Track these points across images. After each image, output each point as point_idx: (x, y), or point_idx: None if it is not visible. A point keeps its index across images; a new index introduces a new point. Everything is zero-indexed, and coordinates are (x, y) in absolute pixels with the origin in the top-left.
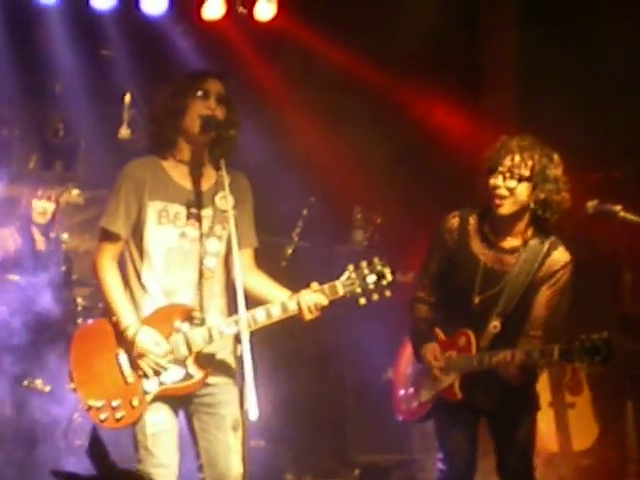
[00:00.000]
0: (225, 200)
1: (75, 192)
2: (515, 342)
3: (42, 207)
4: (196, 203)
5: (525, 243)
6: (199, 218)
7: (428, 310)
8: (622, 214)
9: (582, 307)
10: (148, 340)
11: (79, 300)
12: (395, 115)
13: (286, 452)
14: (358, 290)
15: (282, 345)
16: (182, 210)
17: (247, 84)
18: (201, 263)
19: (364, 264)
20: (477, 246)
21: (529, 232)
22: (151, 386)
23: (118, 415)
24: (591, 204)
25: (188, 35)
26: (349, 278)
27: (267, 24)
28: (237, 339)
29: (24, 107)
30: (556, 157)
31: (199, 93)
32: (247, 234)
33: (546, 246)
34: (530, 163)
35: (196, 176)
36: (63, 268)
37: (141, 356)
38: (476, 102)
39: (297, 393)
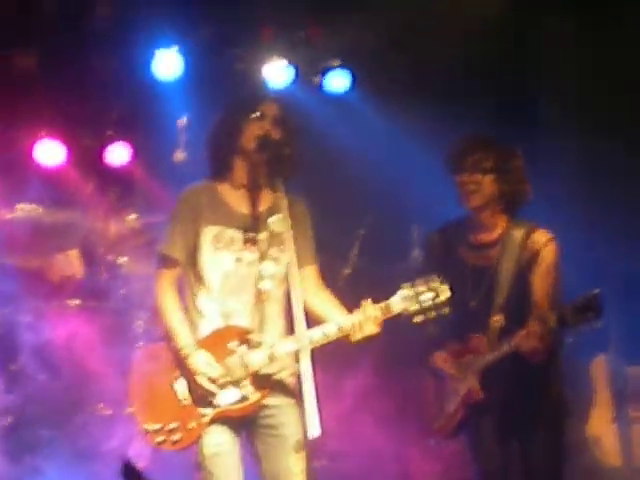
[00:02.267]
0: (282, 222)
1: (133, 217)
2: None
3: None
4: (251, 227)
5: (503, 234)
6: (255, 242)
7: (433, 327)
8: None
9: None
10: (202, 361)
11: (139, 323)
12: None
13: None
14: (413, 308)
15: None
16: (238, 235)
17: None
18: (257, 286)
19: (420, 281)
20: (461, 251)
21: (504, 223)
22: (207, 408)
23: (174, 438)
24: None
25: (241, 59)
26: (403, 296)
27: None
28: (297, 359)
29: (80, 132)
30: (515, 150)
31: (255, 114)
32: (307, 253)
33: (523, 231)
34: (492, 156)
35: (252, 199)
36: (122, 292)
37: (194, 378)
38: None
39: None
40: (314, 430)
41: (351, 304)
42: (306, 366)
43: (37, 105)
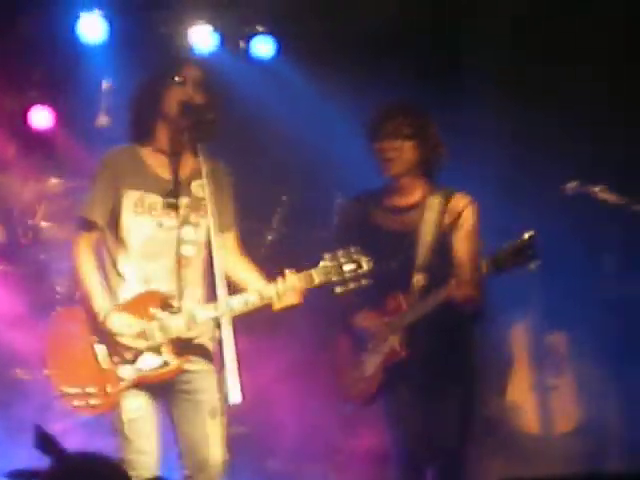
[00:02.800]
0: (202, 187)
1: (54, 181)
2: None
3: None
4: (173, 192)
5: (422, 198)
6: (175, 207)
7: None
8: (601, 195)
9: None
10: (119, 323)
11: (58, 289)
12: None
13: (270, 438)
14: (334, 279)
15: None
16: (158, 199)
17: None
18: (178, 251)
19: (340, 253)
20: (378, 216)
21: (423, 188)
22: (126, 373)
23: (92, 402)
24: (570, 185)
25: (166, 23)
26: (325, 267)
27: None
28: (217, 324)
29: (1, 95)
30: (430, 115)
31: (177, 79)
32: (227, 218)
33: (442, 195)
34: (410, 122)
35: (174, 164)
36: (42, 257)
37: (114, 340)
38: None
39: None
40: (234, 397)
41: (273, 271)
42: (227, 333)
43: None
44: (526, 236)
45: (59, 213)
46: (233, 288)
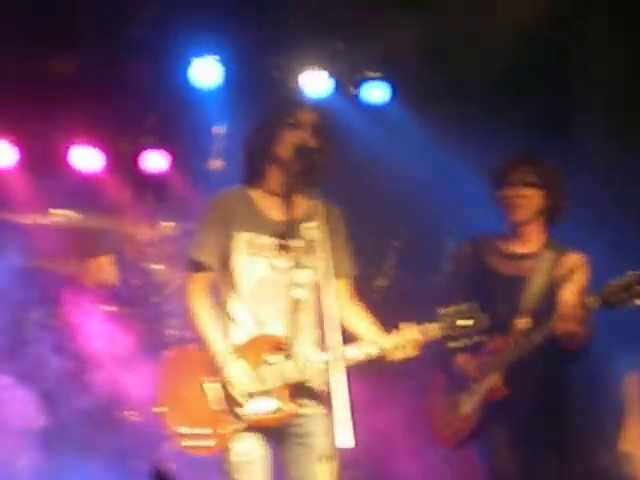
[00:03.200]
0: (317, 230)
1: (168, 224)
2: None
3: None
4: (285, 234)
5: (540, 248)
6: (288, 249)
7: None
8: None
9: None
10: (237, 369)
11: (171, 332)
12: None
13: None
14: (452, 333)
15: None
16: (270, 241)
17: None
18: (291, 294)
19: (456, 308)
20: (494, 260)
21: (541, 237)
22: (239, 415)
23: (204, 443)
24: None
25: (279, 68)
26: (442, 321)
27: None
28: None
29: (117, 138)
30: (559, 167)
31: (292, 122)
32: (342, 264)
33: (557, 249)
34: (539, 170)
35: (286, 206)
36: (155, 299)
37: (228, 385)
38: None
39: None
40: (344, 441)
41: (384, 317)
42: (339, 377)
43: (74, 111)
44: (637, 272)
45: (171, 256)
46: (346, 336)
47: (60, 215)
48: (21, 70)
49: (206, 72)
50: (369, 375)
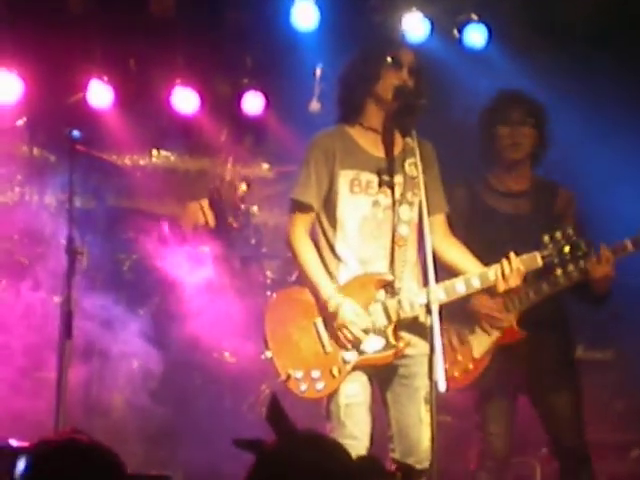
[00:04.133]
0: (415, 166)
1: (265, 166)
2: None
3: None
4: (387, 170)
5: (532, 186)
6: (391, 185)
7: None
8: None
9: None
10: (350, 312)
11: (268, 273)
12: None
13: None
14: (556, 260)
15: None
16: (374, 178)
17: None
18: (394, 231)
19: (559, 234)
20: (491, 199)
21: (531, 175)
22: (351, 355)
23: (319, 386)
24: None
25: (378, 11)
26: (547, 248)
27: None
28: (427, 310)
29: (215, 80)
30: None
31: (392, 62)
32: (437, 200)
33: (549, 184)
34: (533, 110)
35: (385, 143)
36: (253, 241)
37: (342, 327)
38: None
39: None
40: (442, 385)
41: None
42: (436, 318)
43: (173, 52)
44: None
45: (269, 198)
46: (442, 270)
47: (158, 156)
48: (120, 11)
49: (305, 14)
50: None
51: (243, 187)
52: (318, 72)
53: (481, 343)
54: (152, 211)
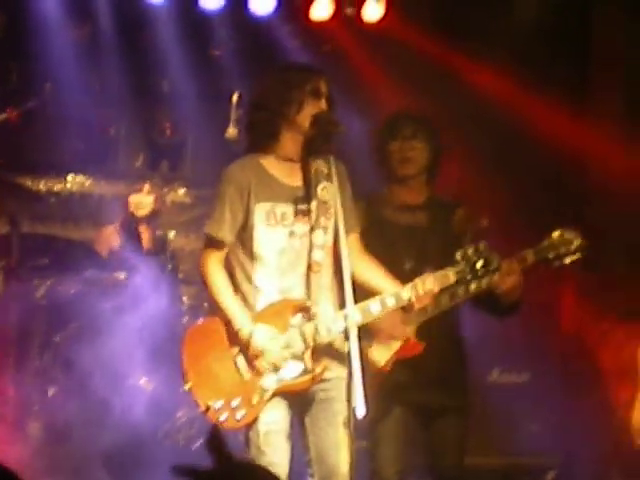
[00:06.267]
0: (327, 190)
1: (181, 191)
2: None
3: (138, 200)
4: (301, 199)
5: (429, 200)
6: (306, 213)
7: None
8: None
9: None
10: (264, 337)
11: (185, 299)
12: (499, 113)
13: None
14: (468, 277)
15: None
16: (289, 208)
17: (354, 85)
18: (309, 257)
19: (471, 250)
20: (388, 213)
21: (428, 191)
22: (270, 382)
23: (239, 415)
24: None
25: (296, 35)
26: (459, 264)
27: (375, 25)
28: (345, 335)
29: (131, 106)
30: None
31: (312, 91)
32: (351, 220)
33: (449, 201)
34: (424, 125)
35: (299, 170)
36: (169, 267)
37: (258, 355)
38: (584, 97)
39: None
40: (361, 410)
41: None
42: (354, 342)
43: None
44: (564, 231)
45: (186, 223)
46: (360, 290)
47: (74, 182)
48: None
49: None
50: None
51: (159, 212)
52: (235, 97)
53: (381, 357)
54: (68, 237)
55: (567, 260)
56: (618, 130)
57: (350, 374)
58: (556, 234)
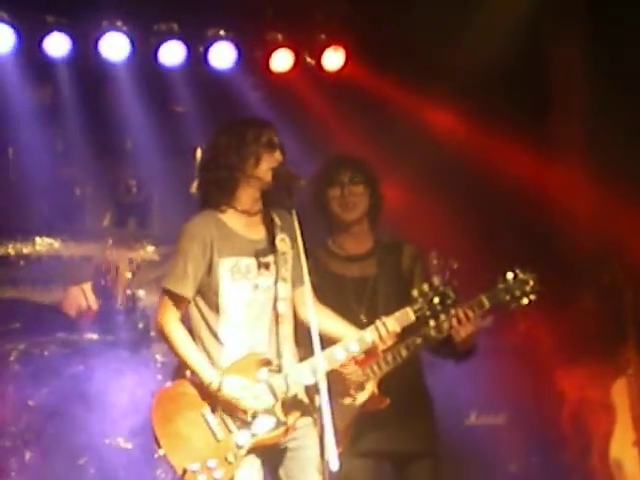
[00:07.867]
0: (284, 242)
1: (150, 249)
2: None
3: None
4: (262, 252)
5: (374, 247)
6: (267, 266)
7: None
8: None
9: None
10: (234, 386)
11: (158, 357)
12: (463, 157)
13: None
14: (428, 313)
15: None
16: (252, 262)
17: (315, 135)
18: (274, 309)
19: (426, 287)
20: (337, 266)
21: (372, 237)
22: (244, 439)
23: (217, 475)
24: None
25: (257, 88)
26: (417, 302)
27: (336, 74)
28: (315, 388)
29: (96, 165)
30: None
31: (267, 142)
32: (302, 271)
33: (393, 243)
34: (364, 170)
35: (258, 224)
36: (140, 325)
37: (230, 405)
38: (545, 137)
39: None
40: (334, 464)
41: None
42: (324, 395)
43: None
44: (525, 270)
45: (156, 281)
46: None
47: (42, 244)
48: None
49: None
50: None
51: (128, 273)
52: (199, 152)
53: (347, 411)
54: (38, 299)
55: (524, 301)
56: (581, 166)
57: (322, 428)
58: (510, 276)
